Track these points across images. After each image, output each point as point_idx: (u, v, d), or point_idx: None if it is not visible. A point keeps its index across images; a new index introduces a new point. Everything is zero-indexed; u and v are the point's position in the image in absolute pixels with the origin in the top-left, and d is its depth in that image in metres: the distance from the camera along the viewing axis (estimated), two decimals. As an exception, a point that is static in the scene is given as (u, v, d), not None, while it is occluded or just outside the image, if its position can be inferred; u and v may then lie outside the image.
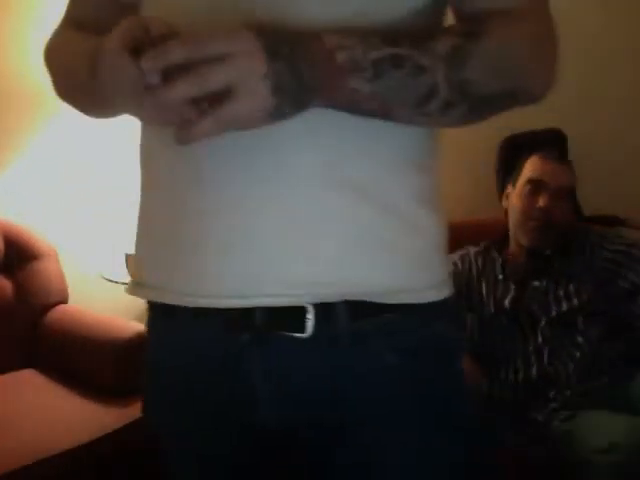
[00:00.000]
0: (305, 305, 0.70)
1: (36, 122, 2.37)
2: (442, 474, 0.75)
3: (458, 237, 1.70)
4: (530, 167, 1.80)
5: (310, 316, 0.70)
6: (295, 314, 0.70)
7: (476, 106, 0.68)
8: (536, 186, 1.76)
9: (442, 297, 0.77)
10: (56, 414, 1.75)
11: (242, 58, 0.58)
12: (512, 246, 1.82)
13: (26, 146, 2.39)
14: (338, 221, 0.69)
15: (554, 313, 1.71)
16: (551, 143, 1.96)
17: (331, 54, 0.61)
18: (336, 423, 0.73)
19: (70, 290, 2.16)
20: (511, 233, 1.82)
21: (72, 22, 0.85)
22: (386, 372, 0.72)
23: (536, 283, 1.74)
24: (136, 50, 0.61)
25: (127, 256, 2.28)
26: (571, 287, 1.71)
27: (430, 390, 0.74)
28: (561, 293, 1.72)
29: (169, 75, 0.59)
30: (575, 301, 1.70)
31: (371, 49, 0.62)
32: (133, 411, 1.77)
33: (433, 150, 0.78)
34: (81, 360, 1.93)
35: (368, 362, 0.72)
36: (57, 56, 0.82)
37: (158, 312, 0.80)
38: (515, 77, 0.69)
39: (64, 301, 2.12)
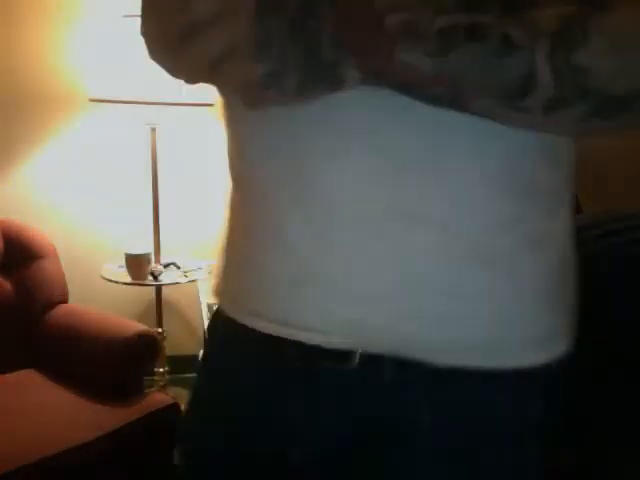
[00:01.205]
0: (353, 349, 0.61)
1: (37, 124, 2.37)
2: None
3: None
4: None
5: (356, 358, 0.61)
6: (342, 354, 0.62)
7: (603, 107, 0.48)
8: None
9: (533, 362, 0.61)
10: (56, 414, 1.74)
11: (228, 17, 0.48)
12: None
13: (27, 147, 2.39)
14: (415, 259, 0.58)
15: None
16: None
17: (379, 15, 0.47)
18: (376, 460, 0.63)
19: (70, 290, 2.16)
20: None
21: None
22: (433, 452, 0.61)
23: None
24: None
25: (127, 256, 2.29)
26: None
27: None
28: None
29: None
30: None
31: (440, 13, 0.46)
32: (133, 411, 1.77)
33: (552, 166, 0.60)
34: (81, 360, 1.93)
35: (412, 426, 0.61)
36: None
37: (227, 330, 0.72)
38: None
39: (64, 301, 2.12)
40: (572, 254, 0.66)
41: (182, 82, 0.64)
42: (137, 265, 2.29)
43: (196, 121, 2.44)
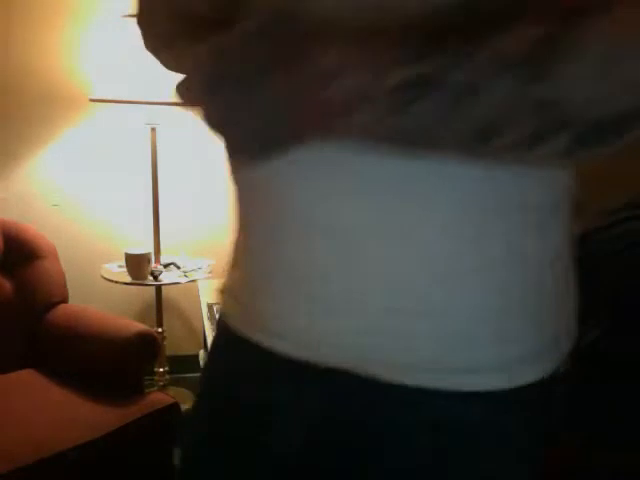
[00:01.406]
0: (323, 362, 0.61)
1: (38, 124, 2.38)
2: None
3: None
4: None
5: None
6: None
7: (588, 136, 0.43)
8: None
9: (502, 386, 0.57)
10: (56, 414, 1.74)
11: (191, 80, 0.52)
12: None
13: (27, 147, 2.39)
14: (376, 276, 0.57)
15: None
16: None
17: (327, 81, 0.44)
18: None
19: (70, 290, 2.16)
20: None
21: None
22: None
23: None
24: None
25: (127, 256, 2.29)
26: None
27: None
28: None
29: None
30: None
31: (389, 69, 0.43)
32: (133, 411, 1.77)
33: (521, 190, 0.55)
34: (81, 360, 1.93)
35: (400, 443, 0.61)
36: None
37: (227, 332, 0.73)
38: None
39: (64, 301, 2.12)
40: (565, 273, 0.62)
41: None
42: (137, 265, 2.29)
43: (196, 121, 2.44)
